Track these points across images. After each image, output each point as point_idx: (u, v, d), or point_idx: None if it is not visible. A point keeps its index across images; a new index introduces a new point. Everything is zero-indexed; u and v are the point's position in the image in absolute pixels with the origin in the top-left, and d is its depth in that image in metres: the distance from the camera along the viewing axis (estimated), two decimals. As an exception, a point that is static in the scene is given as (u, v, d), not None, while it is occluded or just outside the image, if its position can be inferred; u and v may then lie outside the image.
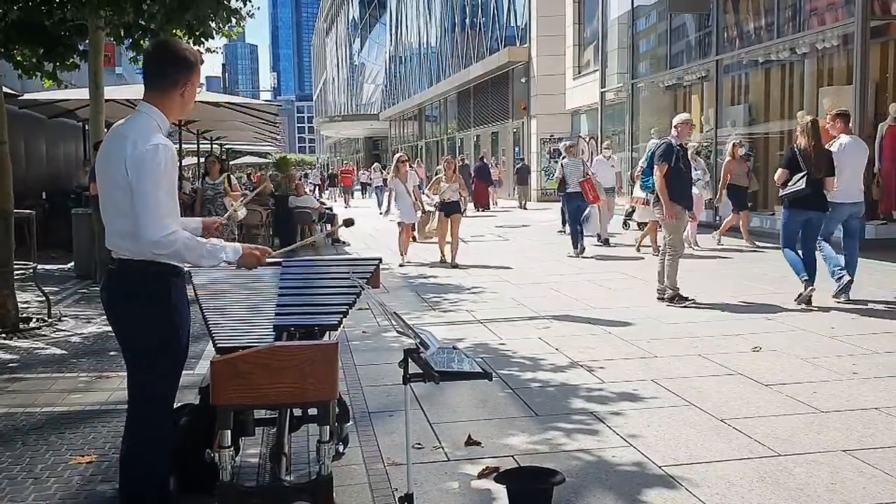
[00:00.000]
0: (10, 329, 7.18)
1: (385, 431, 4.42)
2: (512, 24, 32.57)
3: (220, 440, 2.85)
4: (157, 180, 2.77)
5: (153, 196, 2.75)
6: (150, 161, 2.77)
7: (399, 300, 8.60)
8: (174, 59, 2.98)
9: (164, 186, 2.79)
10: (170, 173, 2.83)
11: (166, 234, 2.75)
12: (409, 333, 3.03)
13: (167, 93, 2.96)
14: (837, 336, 6.44)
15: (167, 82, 2.95)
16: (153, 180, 2.76)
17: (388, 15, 59.30)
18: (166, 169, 2.80)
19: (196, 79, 3.02)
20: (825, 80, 13.42)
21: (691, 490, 3.58)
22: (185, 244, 2.80)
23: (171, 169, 2.84)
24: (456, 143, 40.96)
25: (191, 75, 2.98)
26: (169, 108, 2.97)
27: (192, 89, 3.02)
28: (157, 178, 2.77)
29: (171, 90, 2.96)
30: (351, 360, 6.00)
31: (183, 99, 2.99)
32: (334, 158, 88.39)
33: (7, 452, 4.14)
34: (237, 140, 26.47)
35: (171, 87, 2.95)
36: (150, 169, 2.77)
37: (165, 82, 2.95)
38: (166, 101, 2.96)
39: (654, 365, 5.73)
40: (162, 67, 2.97)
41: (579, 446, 4.15)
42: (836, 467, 3.79)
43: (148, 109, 2.95)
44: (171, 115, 2.99)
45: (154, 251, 2.78)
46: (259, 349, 2.83)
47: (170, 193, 2.82)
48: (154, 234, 2.74)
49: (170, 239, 2.75)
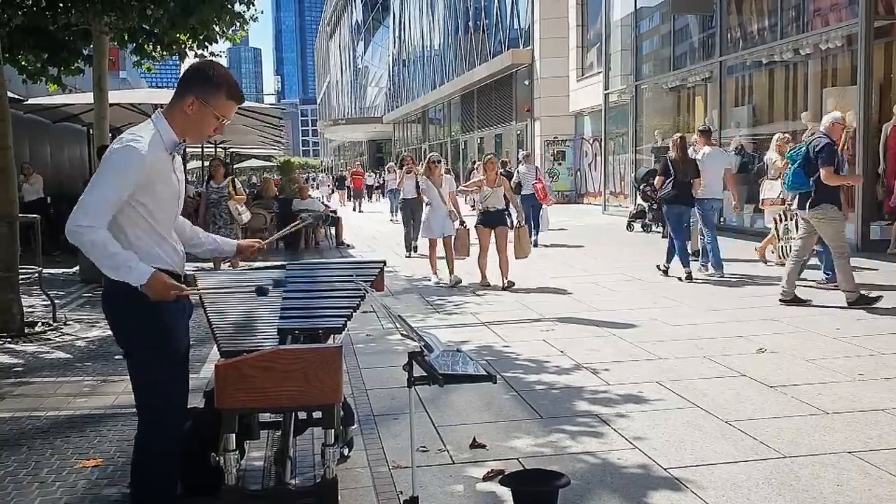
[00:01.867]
0: (16, 333, 7.20)
1: (389, 434, 4.42)
2: (515, 27, 32.59)
3: (224, 444, 2.85)
4: (105, 177, 2.74)
5: (93, 189, 2.72)
6: (111, 158, 2.77)
7: (403, 303, 8.61)
8: (192, 72, 2.94)
9: (106, 187, 2.72)
10: (123, 178, 2.73)
11: (77, 224, 2.67)
12: (414, 336, 3.03)
13: (175, 104, 2.91)
14: (843, 337, 6.42)
15: (178, 94, 2.91)
16: (101, 176, 2.75)
17: (392, 18, 59.37)
18: (120, 172, 2.73)
19: (214, 104, 2.88)
20: (829, 81, 13.40)
21: (697, 492, 3.57)
22: (93, 244, 2.68)
23: (127, 175, 2.74)
24: (460, 145, 40.99)
25: (203, 94, 2.87)
26: (172, 118, 2.91)
27: (205, 112, 2.89)
28: (104, 176, 2.74)
29: (178, 102, 2.90)
30: (355, 363, 6.00)
31: (187, 115, 2.89)
32: (338, 161, 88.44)
33: (13, 456, 4.15)
34: (241, 144, 26.50)
35: (180, 99, 2.90)
36: (106, 165, 2.76)
37: (177, 94, 2.92)
38: (172, 111, 2.92)
39: (659, 367, 5.72)
40: (181, 78, 2.95)
41: (584, 449, 4.15)
42: (841, 469, 3.78)
43: (156, 118, 2.93)
44: (175, 127, 2.90)
45: (69, 239, 2.72)
46: (263, 352, 2.84)
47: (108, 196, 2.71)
48: (71, 222, 2.68)
49: (79, 231, 2.67)
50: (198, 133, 2.97)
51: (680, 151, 9.78)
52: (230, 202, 11.18)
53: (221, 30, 10.39)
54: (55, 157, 18.53)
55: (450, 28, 43.11)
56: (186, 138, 2.98)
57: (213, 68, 2.97)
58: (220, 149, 24.23)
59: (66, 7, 9.32)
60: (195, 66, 3.01)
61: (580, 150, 27.18)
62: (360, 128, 66.42)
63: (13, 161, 7.45)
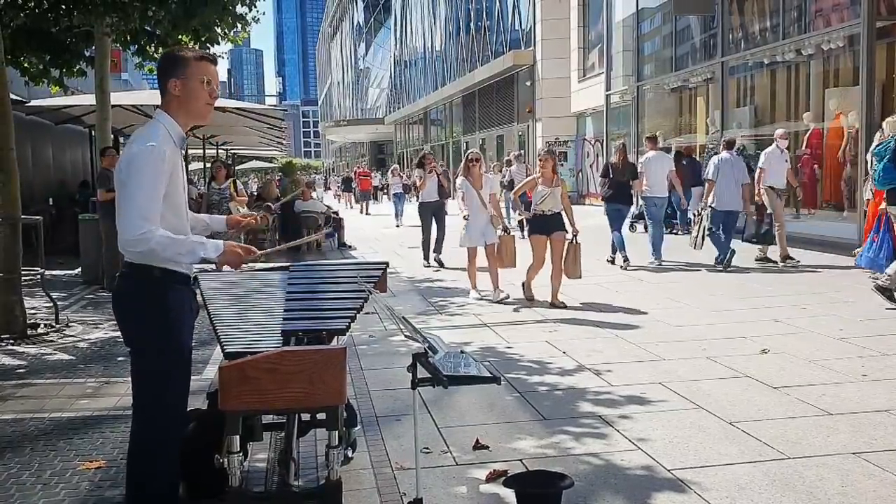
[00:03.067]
0: (19, 335, 7.21)
1: (393, 436, 4.41)
2: (516, 28, 32.61)
3: (228, 445, 2.85)
4: (140, 180, 2.78)
5: (134, 195, 2.77)
6: (137, 161, 2.80)
7: (406, 304, 8.60)
8: (162, 62, 3.04)
9: (148, 187, 2.77)
10: (156, 175, 2.80)
11: (140, 232, 2.73)
12: (418, 338, 3.03)
13: (164, 95, 2.99)
14: (846, 338, 6.41)
15: (162, 86, 2.99)
16: (137, 180, 2.78)
17: (393, 19, 59.42)
18: (154, 170, 2.79)
19: (190, 73, 2.94)
20: (831, 82, 13.39)
21: (701, 494, 3.56)
22: (160, 242, 2.76)
23: (159, 171, 2.80)
24: (461, 146, 41.00)
25: (178, 72, 2.94)
26: (170, 110, 2.97)
27: (189, 84, 2.94)
28: (141, 178, 2.78)
29: (167, 92, 2.97)
30: (358, 364, 5.99)
31: (179, 97, 2.95)
32: (340, 162, 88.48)
33: (16, 458, 4.15)
34: (243, 145, 26.53)
35: (167, 90, 2.97)
36: (136, 168, 2.79)
37: (161, 86, 2.99)
38: (166, 103, 2.98)
39: (662, 368, 5.72)
40: (159, 75, 3.02)
41: (588, 450, 4.14)
42: (846, 470, 3.77)
43: (159, 115, 2.99)
44: (177, 117, 2.97)
45: (129, 249, 2.78)
46: (267, 354, 2.83)
47: (152, 194, 2.78)
48: (129, 233, 2.74)
49: (144, 237, 2.73)
50: (197, 108, 3.00)
51: (620, 156, 11.18)
52: (231, 203, 11.20)
53: (223, 31, 10.40)
54: (57, 158, 18.54)
55: (451, 29, 43.15)
56: (193, 121, 3.04)
57: (174, 50, 3.08)
58: (221, 150, 24.26)
59: (69, 9, 9.32)
60: (161, 57, 3.13)
61: (582, 151, 27.18)
62: (361, 129, 66.47)
63: (16, 163, 7.45)
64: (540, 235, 8.31)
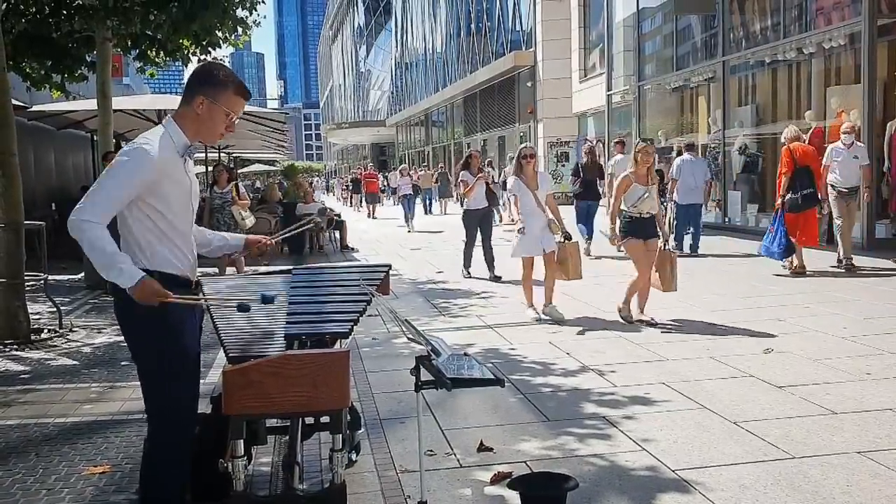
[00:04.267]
0: (22, 340, 7.21)
1: (397, 438, 4.41)
2: (517, 29, 32.63)
3: (232, 449, 2.85)
4: (110, 176, 2.78)
5: (101, 187, 2.77)
6: (121, 159, 2.80)
7: (408, 306, 8.60)
8: (200, 73, 2.99)
9: (115, 184, 2.76)
10: (130, 177, 2.76)
11: (83, 218, 2.70)
12: (421, 340, 3.03)
13: (184, 106, 2.95)
14: (850, 337, 6.40)
15: (187, 96, 2.95)
16: (108, 174, 2.79)
17: (394, 21, 59.48)
18: (128, 171, 2.77)
19: (222, 101, 2.92)
20: (833, 80, 13.37)
21: (705, 494, 3.56)
22: (90, 240, 2.70)
23: (133, 173, 2.77)
24: (463, 147, 40.99)
25: (212, 93, 2.91)
26: (183, 121, 2.95)
27: (213, 110, 2.93)
28: (111, 175, 2.78)
29: (188, 103, 2.94)
30: (361, 367, 5.99)
31: (199, 116, 2.93)
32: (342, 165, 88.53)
33: (20, 464, 4.15)
34: (245, 148, 26.55)
35: (189, 101, 2.94)
36: (115, 165, 2.80)
37: (186, 96, 2.96)
38: (183, 114, 2.96)
39: (666, 368, 5.71)
40: (188, 82, 2.99)
41: (592, 451, 4.14)
42: (851, 469, 3.77)
43: (167, 122, 2.97)
44: (186, 129, 2.94)
45: (68, 227, 2.74)
46: (270, 358, 2.83)
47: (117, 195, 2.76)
48: (76, 214, 2.72)
49: (80, 226, 2.70)
50: (211, 132, 2.99)
51: (589, 158, 12.76)
52: (233, 207, 11.19)
53: (224, 35, 10.38)
54: (59, 163, 18.57)
55: (452, 31, 43.18)
56: (200, 140, 3.02)
57: (218, 68, 3.02)
58: (223, 153, 24.25)
59: (70, 14, 9.34)
60: (202, 67, 3.06)
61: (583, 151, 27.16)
62: (363, 131, 66.51)
63: (18, 168, 7.46)
64: (637, 240, 7.19)
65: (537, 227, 7.66)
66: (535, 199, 7.69)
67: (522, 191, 7.74)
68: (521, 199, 7.76)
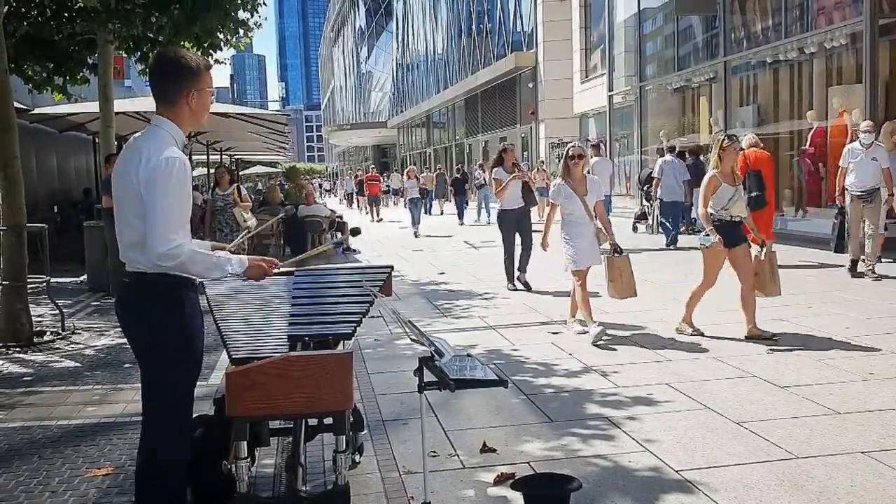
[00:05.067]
0: (25, 342, 7.22)
1: (400, 440, 4.41)
2: (518, 30, 32.64)
3: (235, 451, 2.85)
4: (166, 193, 2.77)
5: (162, 208, 2.76)
6: (161, 174, 2.78)
7: (411, 307, 8.60)
8: (175, 68, 2.95)
9: (173, 199, 2.78)
10: (180, 187, 2.81)
11: (172, 246, 2.74)
12: (424, 341, 3.03)
13: (174, 104, 2.95)
14: (852, 337, 6.39)
15: (172, 94, 2.94)
16: (163, 193, 2.77)
17: (395, 23, 59.50)
18: (177, 182, 2.79)
19: (204, 85, 2.98)
20: (834, 80, 13.36)
21: (709, 494, 3.55)
22: (191, 257, 2.79)
23: (181, 182, 2.82)
24: (465, 148, 41.01)
25: (195, 83, 2.95)
26: (179, 119, 2.96)
27: (201, 97, 2.98)
28: (166, 191, 2.77)
29: (177, 101, 2.94)
30: (364, 368, 5.99)
31: (191, 108, 2.96)
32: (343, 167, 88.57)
33: (24, 466, 4.15)
34: (247, 150, 26.57)
35: (177, 98, 2.94)
36: (160, 181, 2.77)
37: (171, 94, 2.94)
38: (176, 112, 2.96)
39: (669, 368, 5.70)
40: (165, 80, 2.96)
41: (595, 452, 4.13)
42: (854, 469, 3.76)
43: (161, 122, 2.96)
44: (183, 126, 2.98)
45: (160, 263, 2.77)
46: (274, 360, 2.84)
47: (179, 207, 2.81)
48: (160, 246, 2.74)
49: (175, 252, 2.75)
50: (202, 117, 3.05)
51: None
52: (235, 209, 11.21)
53: (225, 37, 10.40)
54: (62, 166, 18.59)
55: (453, 32, 43.19)
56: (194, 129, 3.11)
57: (184, 56, 3.00)
58: (225, 156, 24.29)
59: (71, 17, 9.35)
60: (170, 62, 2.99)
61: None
62: (364, 133, 66.54)
63: (20, 171, 7.47)
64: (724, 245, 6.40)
65: (586, 241, 6.78)
66: (583, 207, 6.76)
67: (570, 196, 6.84)
68: (567, 204, 6.83)
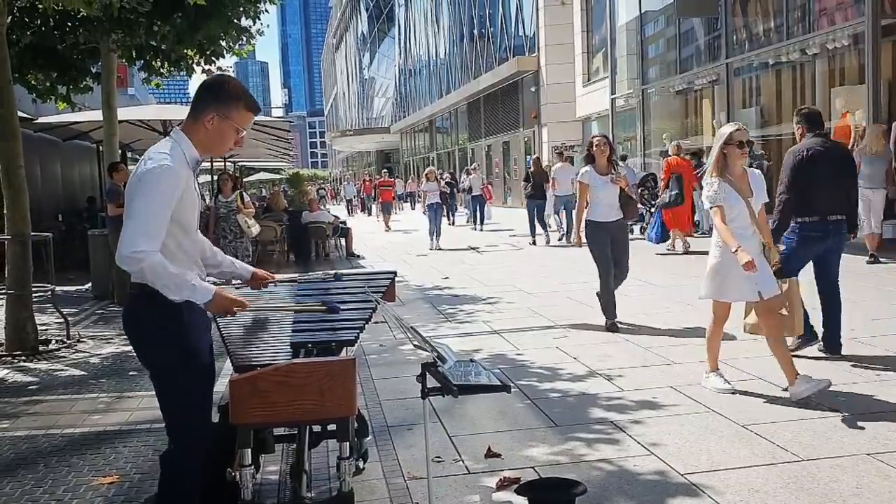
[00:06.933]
0: (30, 351, 7.24)
1: (404, 445, 4.41)
2: (520, 34, 32.66)
3: (240, 459, 2.85)
4: (148, 199, 2.72)
5: (139, 212, 2.71)
6: (148, 179, 2.74)
7: (414, 312, 8.60)
8: (208, 86, 2.95)
9: (155, 206, 2.71)
10: (166, 197, 2.73)
11: (135, 250, 2.65)
12: (427, 347, 3.02)
13: (195, 121, 2.91)
14: (856, 338, 6.37)
15: (197, 110, 2.92)
16: (145, 198, 2.72)
17: (397, 28, 59.58)
18: (164, 191, 2.73)
19: (232, 116, 2.90)
20: (837, 80, 13.36)
21: (715, 498, 3.55)
22: (152, 267, 2.68)
23: (168, 194, 2.74)
24: (468, 153, 41.01)
25: (221, 109, 2.89)
26: (195, 137, 2.91)
27: (222, 125, 2.90)
28: (148, 197, 2.72)
29: (198, 119, 2.91)
30: (368, 374, 5.99)
31: (207, 130, 2.90)
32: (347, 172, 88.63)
33: (29, 475, 4.16)
34: (250, 157, 26.57)
35: (199, 116, 2.90)
36: (146, 186, 2.73)
37: (196, 110, 2.92)
38: (192, 128, 2.92)
39: (673, 372, 5.70)
40: (197, 95, 2.95)
41: (600, 456, 4.13)
42: (860, 472, 3.75)
43: (177, 135, 2.93)
44: (197, 144, 2.91)
45: (122, 265, 2.71)
46: (277, 367, 2.83)
47: (158, 216, 2.71)
48: (125, 249, 2.67)
49: (137, 257, 2.65)
50: (219, 147, 2.98)
51: (536, 167, 16.73)
52: (239, 216, 11.22)
53: (228, 44, 10.43)
54: (66, 174, 18.66)
55: (455, 37, 43.23)
56: (208, 154, 3.00)
57: (228, 82, 2.99)
58: (229, 162, 24.30)
59: (75, 26, 9.39)
60: (211, 81, 3.02)
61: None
62: (367, 138, 66.64)
63: (25, 180, 7.50)
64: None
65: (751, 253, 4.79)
66: (749, 211, 4.95)
67: (733, 196, 4.93)
68: (731, 208, 4.93)
